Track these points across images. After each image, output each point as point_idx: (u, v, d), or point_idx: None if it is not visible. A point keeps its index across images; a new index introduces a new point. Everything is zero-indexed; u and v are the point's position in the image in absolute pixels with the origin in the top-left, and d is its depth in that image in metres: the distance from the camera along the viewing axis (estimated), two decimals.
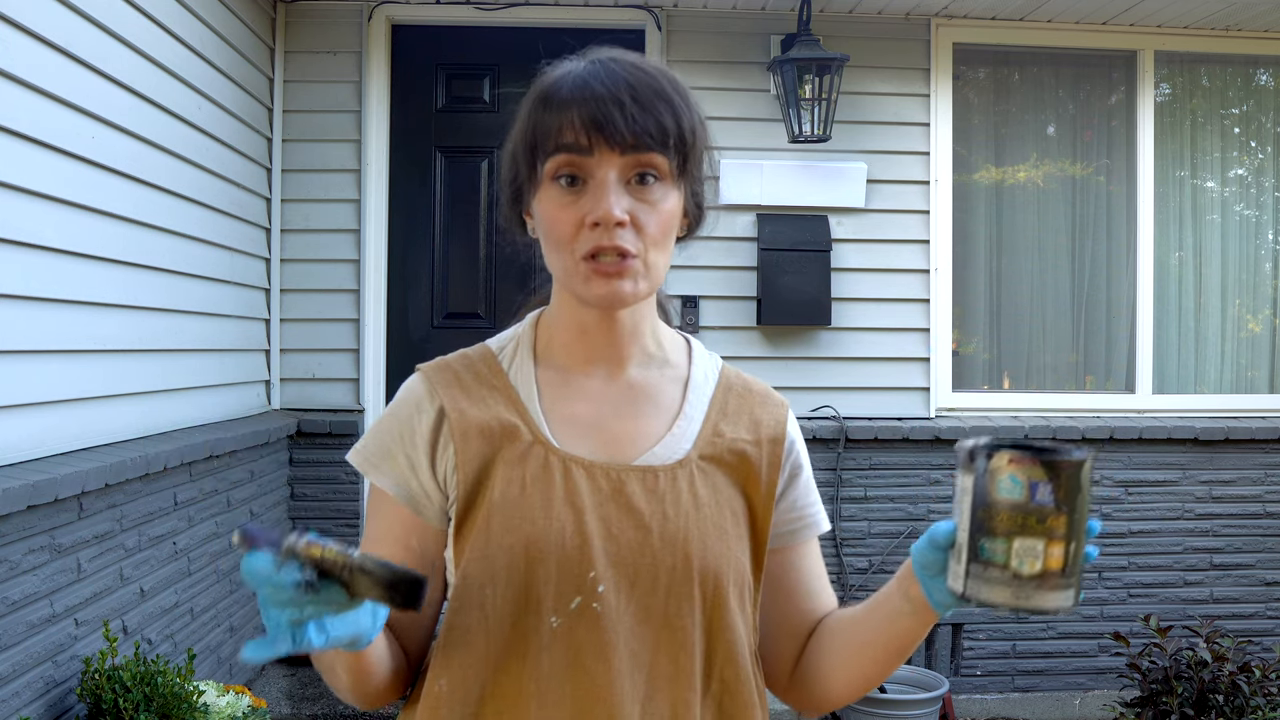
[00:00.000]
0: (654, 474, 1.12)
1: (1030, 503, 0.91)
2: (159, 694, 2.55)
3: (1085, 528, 0.93)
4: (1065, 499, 0.91)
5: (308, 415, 4.29)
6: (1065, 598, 0.93)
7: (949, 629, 4.40)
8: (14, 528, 2.31)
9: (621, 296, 1.09)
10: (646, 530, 1.09)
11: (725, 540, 1.12)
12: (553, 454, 1.11)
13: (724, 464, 1.16)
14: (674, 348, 1.23)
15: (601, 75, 1.08)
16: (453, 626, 1.10)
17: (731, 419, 1.19)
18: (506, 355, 1.19)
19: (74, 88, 2.67)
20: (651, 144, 1.06)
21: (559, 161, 1.08)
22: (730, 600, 1.11)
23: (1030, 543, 0.92)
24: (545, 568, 1.07)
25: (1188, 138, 4.76)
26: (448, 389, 1.15)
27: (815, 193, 4.43)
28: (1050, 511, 0.91)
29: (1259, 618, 4.52)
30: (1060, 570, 0.92)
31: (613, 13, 4.41)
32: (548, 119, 1.08)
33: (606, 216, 1.05)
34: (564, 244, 1.09)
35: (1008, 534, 0.92)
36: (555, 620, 1.06)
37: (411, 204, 4.52)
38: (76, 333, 2.73)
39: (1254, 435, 4.50)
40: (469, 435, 1.12)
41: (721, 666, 1.11)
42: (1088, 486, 0.93)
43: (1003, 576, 0.93)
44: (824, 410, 4.38)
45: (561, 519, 1.08)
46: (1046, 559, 0.92)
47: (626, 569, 1.08)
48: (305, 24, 4.35)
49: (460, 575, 1.10)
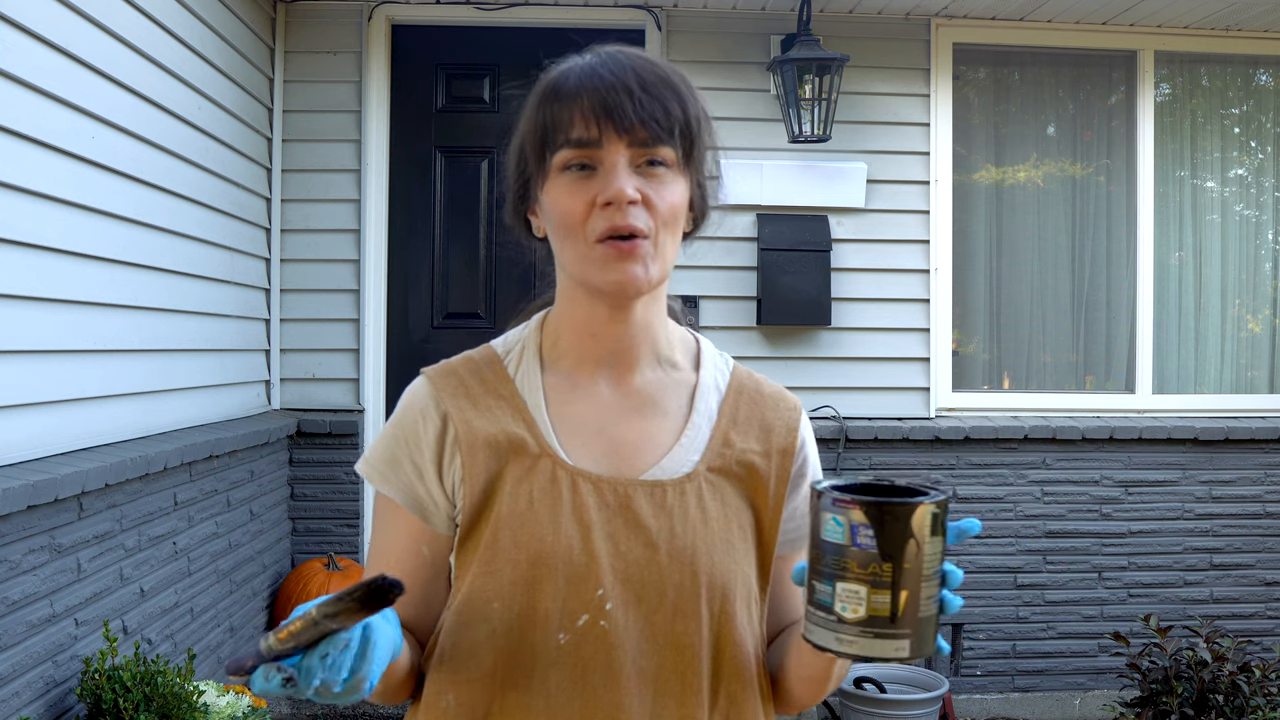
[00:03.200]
0: (661, 488, 1.11)
1: (851, 546, 0.88)
2: (159, 694, 2.54)
3: (925, 576, 0.89)
4: (888, 546, 0.87)
5: (308, 415, 4.29)
6: (895, 647, 0.89)
7: (949, 629, 4.40)
8: (14, 528, 2.31)
9: (635, 281, 1.07)
10: (654, 547, 1.08)
11: (733, 555, 1.11)
12: (560, 468, 1.10)
13: (732, 475, 1.14)
14: (683, 349, 1.21)
15: (610, 65, 1.08)
16: (458, 641, 1.09)
17: (742, 428, 1.17)
18: (513, 360, 1.18)
19: (74, 88, 2.67)
20: (659, 131, 1.06)
21: (568, 154, 1.07)
22: (738, 615, 1.10)
23: (853, 587, 0.88)
24: (553, 584, 1.06)
25: (1188, 138, 4.76)
26: (454, 399, 1.14)
27: (815, 193, 4.43)
28: (873, 557, 0.87)
29: (1259, 618, 4.52)
30: (888, 618, 0.88)
31: (613, 13, 4.41)
32: (557, 110, 1.08)
33: (619, 195, 1.04)
34: (575, 228, 1.07)
35: (832, 576, 0.89)
36: (563, 637, 1.06)
37: (411, 204, 4.52)
38: (76, 333, 2.73)
39: (1254, 435, 4.50)
40: (476, 449, 1.11)
41: (729, 682, 1.10)
42: (922, 532, 0.88)
43: (828, 620, 0.90)
44: (824, 410, 4.38)
45: (569, 535, 1.07)
46: (870, 605, 0.88)
47: (634, 586, 1.07)
48: (305, 24, 4.35)
49: (466, 588, 1.09)
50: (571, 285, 1.13)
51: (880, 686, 3.85)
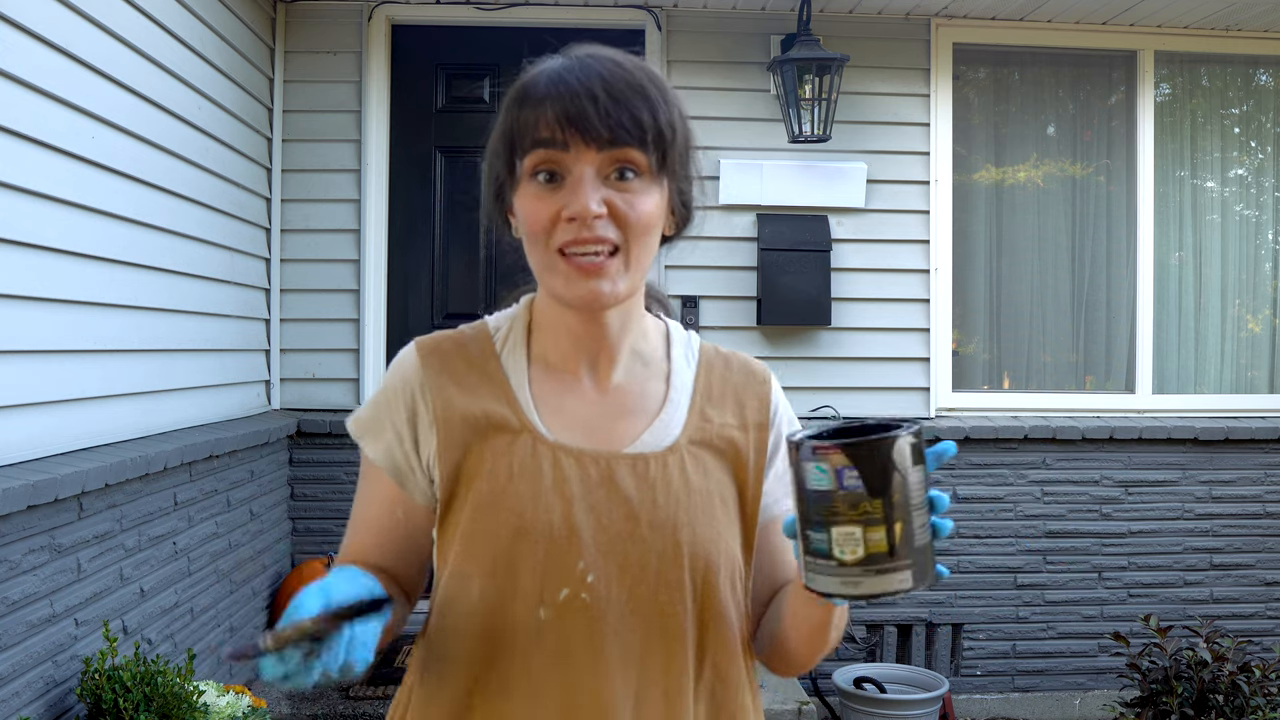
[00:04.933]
0: (644, 460, 1.11)
1: (839, 490, 0.89)
2: (159, 694, 2.54)
3: (914, 505, 0.90)
4: (874, 481, 0.88)
5: (308, 415, 4.29)
6: (899, 580, 0.90)
7: (949, 629, 4.40)
8: (14, 528, 2.31)
9: (600, 297, 1.07)
10: (635, 518, 1.08)
11: (715, 525, 1.11)
12: (541, 443, 1.11)
13: (714, 449, 1.15)
14: (656, 340, 1.22)
15: (576, 70, 1.07)
16: (442, 620, 1.09)
17: (716, 403, 1.19)
18: (500, 338, 1.19)
19: (74, 88, 2.67)
20: (627, 138, 1.05)
21: (536, 158, 1.07)
22: (722, 586, 1.10)
23: (848, 530, 0.89)
24: (533, 558, 1.06)
25: (1188, 138, 4.76)
26: (437, 375, 1.15)
27: (815, 193, 4.43)
28: (861, 496, 0.89)
29: (1259, 618, 4.52)
30: (887, 553, 0.89)
31: (613, 13, 4.41)
32: (524, 115, 1.08)
33: (582, 211, 1.04)
34: (539, 237, 1.07)
35: (825, 523, 0.90)
36: (544, 612, 1.05)
37: (411, 204, 4.52)
38: (76, 333, 2.73)
39: (1254, 435, 4.50)
40: (452, 423, 1.11)
41: (714, 653, 1.10)
42: (904, 463, 0.89)
43: (828, 566, 0.91)
44: (824, 410, 4.38)
45: (549, 508, 1.07)
46: (867, 544, 0.89)
47: (616, 558, 1.07)
48: (305, 24, 4.35)
49: (449, 568, 1.09)
50: (543, 285, 1.14)
51: (880, 686, 3.85)
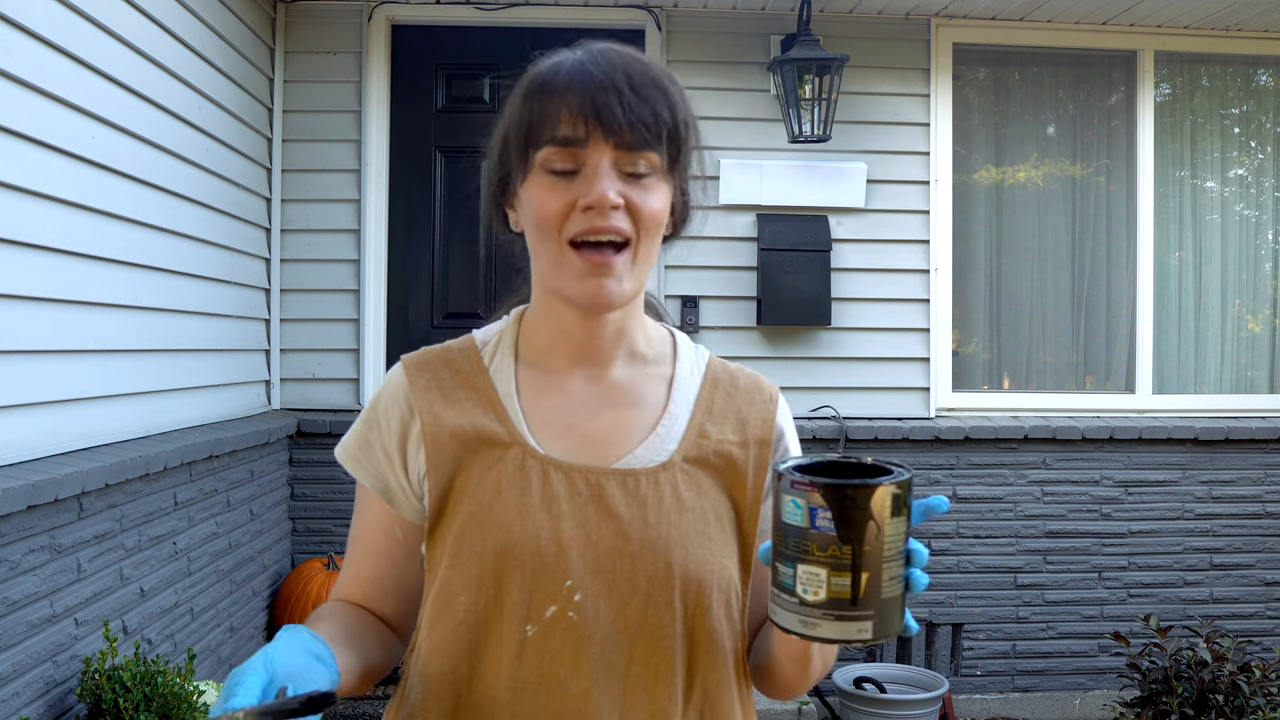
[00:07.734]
0: (635, 477, 1.09)
1: (810, 529, 0.87)
2: (159, 694, 2.54)
3: (887, 557, 0.87)
4: (847, 527, 0.86)
5: (308, 415, 4.29)
6: (858, 629, 0.87)
7: (949, 629, 4.40)
8: (14, 528, 2.31)
9: (608, 296, 1.05)
10: (625, 537, 1.06)
11: (709, 546, 1.08)
12: (530, 457, 1.09)
13: (709, 466, 1.12)
14: (660, 345, 1.20)
15: (600, 62, 1.06)
16: (430, 636, 1.08)
17: (718, 419, 1.15)
18: (489, 351, 1.17)
19: (74, 88, 2.67)
20: (646, 135, 1.04)
21: (552, 152, 1.05)
22: (714, 608, 1.07)
23: (813, 570, 0.87)
24: (520, 575, 1.04)
25: (1188, 138, 4.76)
26: (425, 392, 1.13)
27: (815, 193, 4.43)
28: (831, 540, 0.86)
29: (1259, 618, 4.52)
30: (849, 601, 0.87)
31: (613, 12, 4.41)
32: (543, 105, 1.06)
33: (601, 199, 1.02)
34: (551, 228, 1.05)
35: (794, 558, 0.88)
36: (530, 628, 1.04)
37: (411, 204, 4.52)
38: (76, 333, 2.73)
39: (1254, 435, 4.50)
40: (441, 440, 1.10)
41: (704, 676, 1.08)
42: (882, 513, 0.86)
43: (791, 602, 0.89)
44: (824, 410, 4.38)
45: (538, 525, 1.05)
46: (830, 588, 0.87)
47: (604, 576, 1.05)
48: (305, 24, 4.35)
49: (437, 583, 1.08)
50: (546, 286, 1.12)
51: (880, 686, 3.85)
